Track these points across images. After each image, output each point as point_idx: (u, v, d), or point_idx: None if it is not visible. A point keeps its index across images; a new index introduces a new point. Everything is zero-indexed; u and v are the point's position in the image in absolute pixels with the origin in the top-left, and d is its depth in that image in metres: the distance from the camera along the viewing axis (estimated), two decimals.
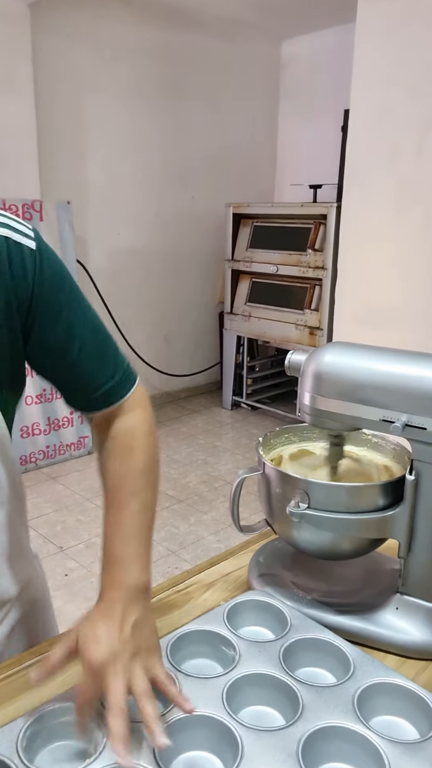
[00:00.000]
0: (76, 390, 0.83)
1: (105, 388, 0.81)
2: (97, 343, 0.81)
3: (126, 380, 0.84)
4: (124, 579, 0.73)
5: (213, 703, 0.71)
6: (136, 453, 0.82)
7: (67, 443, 3.80)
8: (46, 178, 3.75)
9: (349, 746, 0.68)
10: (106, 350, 0.82)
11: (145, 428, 0.85)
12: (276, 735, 0.68)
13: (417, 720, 0.73)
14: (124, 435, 0.83)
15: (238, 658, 0.79)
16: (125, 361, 0.85)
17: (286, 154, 5.13)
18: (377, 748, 0.66)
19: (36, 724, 0.69)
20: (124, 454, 0.82)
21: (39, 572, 0.99)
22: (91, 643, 0.65)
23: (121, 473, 0.81)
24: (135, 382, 0.85)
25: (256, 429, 4.43)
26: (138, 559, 0.75)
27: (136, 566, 0.74)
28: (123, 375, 0.83)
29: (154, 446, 0.85)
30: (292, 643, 0.82)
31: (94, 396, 0.82)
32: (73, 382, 0.82)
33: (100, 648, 0.65)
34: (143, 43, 4.15)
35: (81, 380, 0.81)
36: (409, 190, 2.79)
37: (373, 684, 0.75)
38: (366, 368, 0.84)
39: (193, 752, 0.68)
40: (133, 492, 0.79)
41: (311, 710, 0.71)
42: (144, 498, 0.80)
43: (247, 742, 0.67)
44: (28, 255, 0.74)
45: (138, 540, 0.77)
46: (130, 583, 0.72)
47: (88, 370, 0.81)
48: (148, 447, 0.84)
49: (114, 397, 0.83)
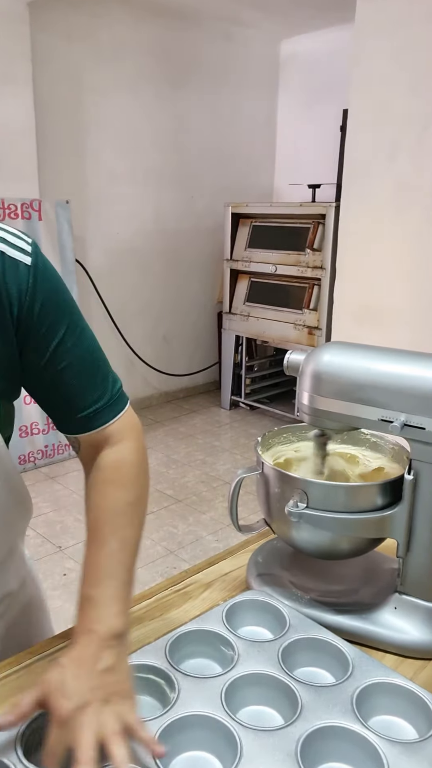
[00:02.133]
0: (61, 410, 0.80)
1: (91, 410, 0.79)
2: (88, 364, 0.79)
3: (115, 404, 0.81)
4: (98, 624, 0.69)
5: (212, 703, 0.71)
6: (120, 488, 0.79)
7: (66, 443, 3.79)
8: (45, 177, 3.74)
9: (347, 746, 0.68)
10: (96, 371, 0.80)
11: (133, 460, 0.81)
12: (275, 735, 0.68)
13: (416, 720, 0.73)
14: (109, 468, 0.80)
15: (237, 657, 0.79)
16: (117, 385, 0.82)
17: (285, 154, 5.13)
18: (376, 747, 0.66)
19: (34, 724, 0.68)
20: (108, 489, 0.79)
21: (33, 574, 1.00)
22: (60, 696, 0.63)
23: (102, 509, 0.78)
24: (125, 407, 0.82)
25: (254, 429, 4.43)
26: (114, 602, 0.72)
27: (110, 610, 0.71)
28: (111, 398, 0.80)
29: (142, 480, 0.82)
30: (291, 643, 0.82)
31: (79, 416, 0.79)
32: (59, 401, 0.80)
33: (69, 701, 0.62)
34: (142, 42, 4.15)
35: (67, 399, 0.79)
36: (408, 189, 2.79)
37: (371, 684, 0.75)
38: (365, 368, 0.84)
39: (191, 752, 0.68)
40: (114, 530, 0.76)
41: (310, 710, 0.71)
42: (125, 535, 0.76)
43: (245, 742, 0.67)
44: (23, 271, 0.73)
45: (116, 581, 0.73)
46: (103, 628, 0.69)
47: (74, 390, 0.78)
48: (134, 481, 0.81)
49: (100, 421, 0.79)
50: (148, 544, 2.92)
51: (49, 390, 0.79)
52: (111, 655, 0.67)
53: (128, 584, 0.75)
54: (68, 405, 0.79)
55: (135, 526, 0.78)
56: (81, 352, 0.78)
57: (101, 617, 0.70)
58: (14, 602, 0.92)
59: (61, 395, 0.79)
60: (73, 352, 0.77)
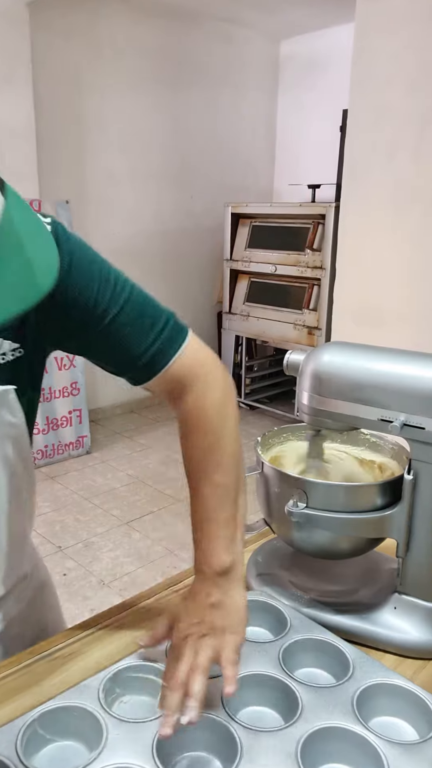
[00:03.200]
0: (121, 365, 0.80)
1: (148, 355, 0.77)
2: (131, 311, 0.77)
3: (172, 341, 0.79)
4: (203, 564, 0.77)
5: (212, 704, 0.71)
6: (199, 435, 0.80)
7: (66, 443, 3.80)
8: (44, 177, 3.74)
9: (348, 747, 0.68)
10: (143, 316, 0.78)
11: (208, 403, 0.81)
12: (275, 736, 0.68)
13: (416, 721, 0.73)
14: (186, 418, 0.81)
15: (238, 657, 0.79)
16: (170, 322, 0.79)
17: (285, 154, 5.13)
18: (376, 748, 0.66)
19: (35, 724, 0.69)
20: (190, 439, 0.81)
21: (39, 557, 1.04)
22: (174, 627, 0.74)
23: (188, 459, 0.81)
24: (183, 341, 0.79)
25: (254, 429, 4.43)
26: (213, 542, 0.77)
27: (211, 551, 0.77)
28: (165, 337, 0.78)
29: (222, 419, 0.81)
30: (292, 644, 0.82)
31: (139, 364, 0.78)
32: (115, 357, 0.79)
33: (177, 631, 0.73)
34: (142, 42, 4.15)
35: (122, 353, 0.78)
36: (407, 189, 2.79)
37: (372, 685, 0.75)
38: (364, 368, 0.84)
39: (192, 753, 0.69)
40: (201, 477, 0.79)
41: (310, 711, 0.71)
42: (213, 480, 0.78)
43: (246, 742, 0.67)
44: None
45: (213, 523, 0.78)
46: (207, 568, 0.76)
47: (126, 342, 0.77)
48: (214, 424, 0.80)
49: (161, 363, 0.78)
50: (148, 544, 2.92)
51: (102, 350, 0.79)
52: (218, 593, 0.75)
53: (228, 522, 0.78)
54: (125, 357, 0.78)
55: (223, 467, 0.79)
56: (122, 302, 0.76)
57: (205, 558, 0.77)
58: (29, 584, 0.95)
59: (115, 350, 0.78)
60: (114, 305, 0.76)
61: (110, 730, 0.68)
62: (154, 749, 0.66)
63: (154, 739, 0.67)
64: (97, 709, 0.70)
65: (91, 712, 0.70)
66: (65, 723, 0.70)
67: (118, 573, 2.68)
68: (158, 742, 0.67)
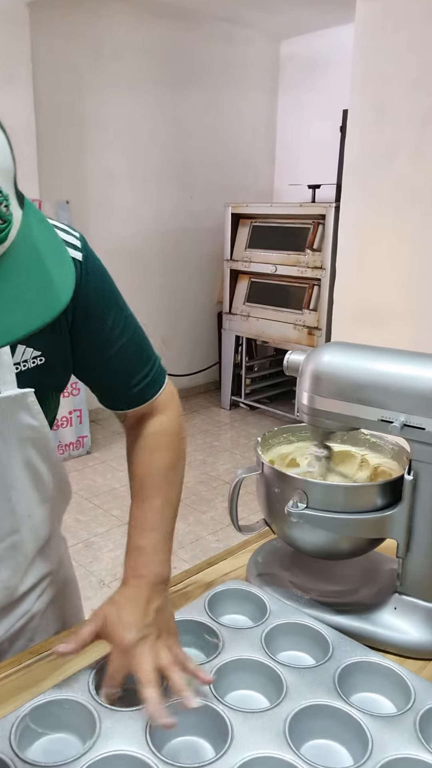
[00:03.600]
0: (113, 390, 0.88)
1: (140, 386, 0.86)
2: (135, 345, 0.86)
3: (159, 377, 0.89)
4: (146, 569, 0.79)
5: (200, 689, 0.74)
6: (162, 453, 0.88)
7: (66, 443, 3.80)
8: (45, 177, 3.74)
9: (333, 723, 0.71)
10: (143, 350, 0.87)
11: (172, 429, 0.90)
12: (263, 716, 0.71)
13: (393, 695, 0.77)
14: (152, 436, 0.89)
15: (222, 645, 0.82)
16: (159, 360, 0.90)
17: (285, 154, 5.13)
18: (359, 722, 0.70)
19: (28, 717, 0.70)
20: (152, 455, 0.88)
21: (66, 553, 1.04)
22: (120, 628, 0.72)
23: (147, 471, 0.87)
24: (165, 379, 0.91)
25: (254, 429, 4.43)
26: (159, 551, 0.81)
27: (157, 558, 0.81)
28: (156, 373, 0.88)
29: (182, 445, 0.91)
30: (273, 628, 0.85)
31: (130, 394, 0.86)
32: (111, 382, 0.87)
33: (129, 633, 0.72)
34: (142, 42, 4.15)
35: (119, 381, 0.86)
36: (407, 189, 2.79)
37: (351, 663, 0.79)
38: (364, 368, 0.84)
39: (183, 737, 0.71)
40: (157, 489, 0.86)
41: (295, 691, 0.74)
42: (167, 494, 0.86)
43: (235, 724, 0.69)
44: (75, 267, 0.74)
45: (160, 533, 0.83)
46: (151, 573, 0.79)
47: (126, 371, 0.85)
48: (175, 447, 0.90)
49: (148, 395, 0.87)
50: None
51: (102, 374, 0.86)
52: (159, 598, 0.77)
53: (170, 537, 0.85)
54: (120, 385, 0.86)
55: (175, 486, 0.88)
56: (129, 334, 0.84)
57: (149, 564, 0.80)
58: (54, 581, 0.96)
59: (114, 377, 0.86)
60: (123, 336, 0.83)
61: (103, 720, 0.70)
62: (148, 735, 0.68)
63: (147, 726, 0.69)
64: (89, 700, 0.72)
65: (83, 704, 0.72)
66: (58, 716, 0.71)
67: (118, 573, 2.68)
68: (151, 729, 0.68)
